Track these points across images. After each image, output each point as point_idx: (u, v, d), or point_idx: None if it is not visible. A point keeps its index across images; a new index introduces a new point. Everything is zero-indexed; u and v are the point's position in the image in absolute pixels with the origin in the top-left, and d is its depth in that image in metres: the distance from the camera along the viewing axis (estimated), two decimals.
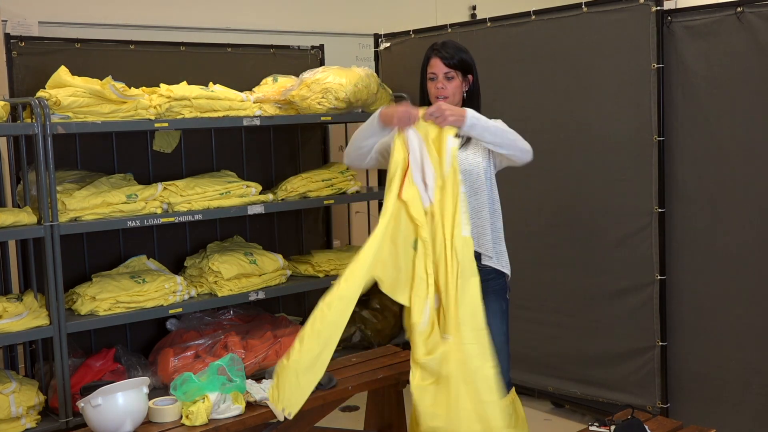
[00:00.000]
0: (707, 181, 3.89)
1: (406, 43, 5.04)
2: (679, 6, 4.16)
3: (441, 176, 3.11)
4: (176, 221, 4.10)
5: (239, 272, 4.34)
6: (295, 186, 4.60)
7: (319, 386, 3.52)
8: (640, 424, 3.25)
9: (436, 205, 3.09)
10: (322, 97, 4.45)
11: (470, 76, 3.35)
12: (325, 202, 4.69)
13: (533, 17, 4.38)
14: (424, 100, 3.36)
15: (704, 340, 3.96)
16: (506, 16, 4.52)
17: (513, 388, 3.43)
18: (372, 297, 5.03)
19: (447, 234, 3.07)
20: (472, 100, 3.35)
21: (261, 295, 4.39)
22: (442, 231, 3.08)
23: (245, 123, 4.30)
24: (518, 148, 3.26)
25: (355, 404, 4.55)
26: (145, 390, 3.14)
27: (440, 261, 3.08)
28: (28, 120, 3.67)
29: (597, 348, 4.30)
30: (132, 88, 4.02)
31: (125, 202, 3.97)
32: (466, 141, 3.28)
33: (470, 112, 3.16)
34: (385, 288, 3.10)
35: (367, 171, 5.41)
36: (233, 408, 3.21)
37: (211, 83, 4.40)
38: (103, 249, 4.40)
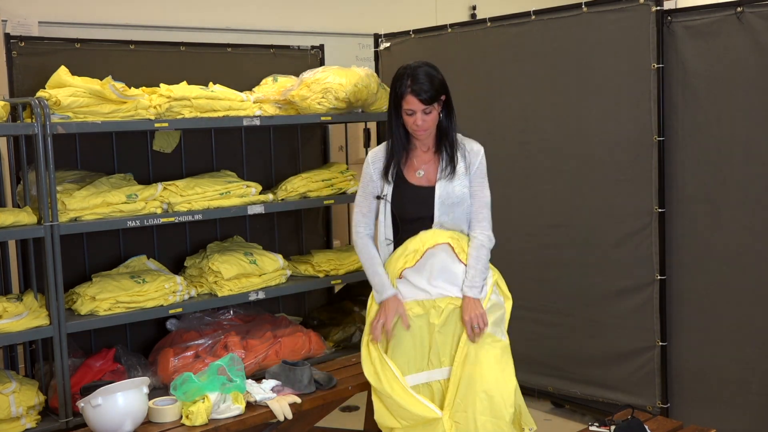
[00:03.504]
0: (707, 181, 3.89)
1: (406, 43, 5.04)
2: (679, 6, 4.17)
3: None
4: (176, 221, 4.10)
5: (239, 272, 4.34)
6: (295, 186, 4.60)
7: (319, 386, 3.52)
8: (640, 424, 3.25)
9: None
10: (322, 97, 4.45)
11: (443, 96, 3.18)
12: (325, 202, 4.69)
13: (533, 17, 4.38)
14: (396, 127, 3.19)
15: (704, 340, 3.96)
16: (506, 16, 4.52)
17: None
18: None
19: None
20: (448, 118, 3.22)
21: (261, 295, 4.39)
22: None
23: (245, 123, 4.29)
24: None
25: (355, 404, 4.55)
26: (145, 390, 3.14)
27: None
28: (28, 120, 3.67)
29: (597, 348, 4.30)
30: (132, 88, 4.02)
31: (125, 202, 3.97)
32: (450, 171, 3.19)
33: (477, 300, 3.16)
34: None
35: None
36: (233, 408, 3.21)
37: (211, 83, 4.40)
38: (103, 249, 4.40)
